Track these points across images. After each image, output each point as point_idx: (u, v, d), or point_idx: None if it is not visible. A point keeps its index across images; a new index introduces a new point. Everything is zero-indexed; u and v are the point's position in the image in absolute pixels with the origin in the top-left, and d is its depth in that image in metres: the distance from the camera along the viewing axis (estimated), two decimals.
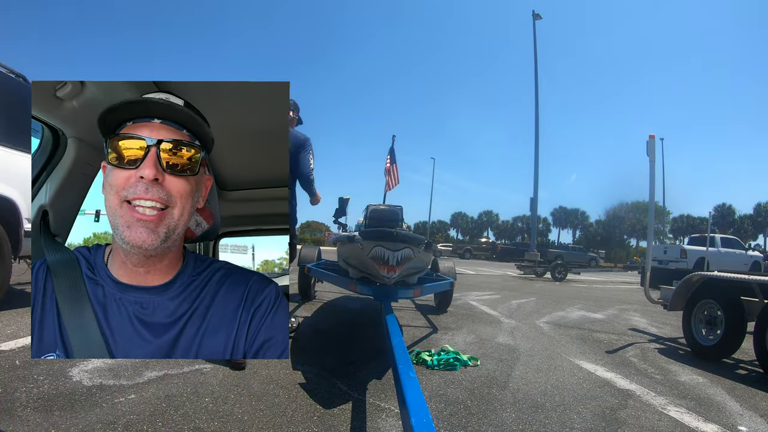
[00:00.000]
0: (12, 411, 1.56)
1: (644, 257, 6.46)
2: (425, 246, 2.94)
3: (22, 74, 3.43)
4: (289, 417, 1.73)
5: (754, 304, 3.28)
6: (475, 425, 1.79)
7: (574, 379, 2.53)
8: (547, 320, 4.71)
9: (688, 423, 1.97)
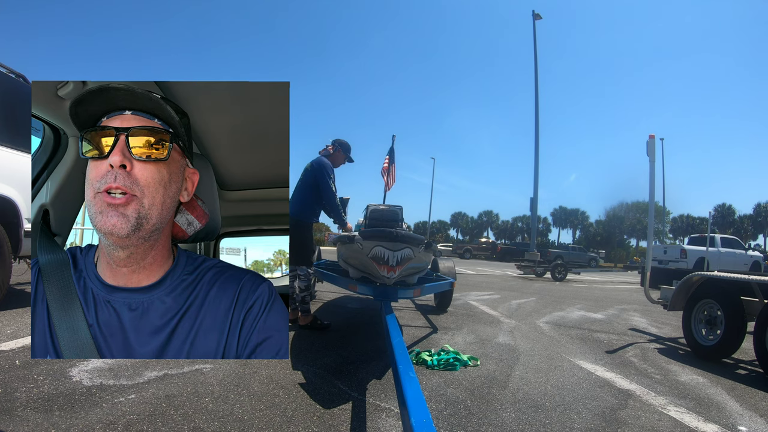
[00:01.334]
0: (12, 411, 1.56)
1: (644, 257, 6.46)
2: (425, 246, 2.94)
3: (22, 74, 3.43)
4: (289, 417, 1.73)
5: (754, 304, 3.28)
6: (475, 425, 1.79)
7: (574, 379, 2.53)
8: (547, 320, 4.71)
9: (688, 423, 1.97)
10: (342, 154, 3.77)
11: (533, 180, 15.97)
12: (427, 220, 41.57)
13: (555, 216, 50.99)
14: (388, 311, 2.54)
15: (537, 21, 17.00)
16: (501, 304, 5.87)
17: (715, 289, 3.43)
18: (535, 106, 16.46)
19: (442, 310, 4.80)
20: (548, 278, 11.98)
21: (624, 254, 40.18)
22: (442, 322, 4.12)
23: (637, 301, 7.30)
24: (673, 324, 4.97)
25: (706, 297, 3.49)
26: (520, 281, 10.55)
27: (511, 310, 5.30)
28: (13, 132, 3.16)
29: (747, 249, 14.80)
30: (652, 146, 4.09)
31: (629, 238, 46.20)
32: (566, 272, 11.99)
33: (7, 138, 3.12)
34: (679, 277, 3.80)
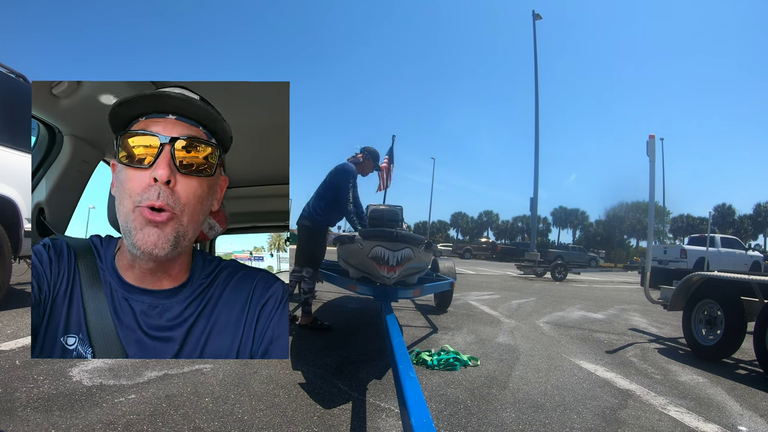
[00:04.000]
0: (12, 411, 1.56)
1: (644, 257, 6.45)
2: (425, 246, 2.94)
3: (23, 74, 3.43)
4: (289, 417, 1.73)
5: (754, 304, 3.28)
6: (475, 425, 1.79)
7: (574, 379, 2.53)
8: (547, 320, 4.71)
9: (688, 423, 1.97)
10: (371, 163, 3.73)
11: (533, 180, 16.01)
12: (427, 220, 41.63)
13: (555, 216, 51.08)
14: (388, 311, 2.54)
15: (537, 21, 17.02)
16: (501, 304, 5.87)
17: (715, 289, 3.43)
18: (535, 106, 16.49)
19: (442, 310, 4.80)
20: (548, 278, 11.97)
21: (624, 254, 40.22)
22: (442, 322, 4.12)
23: (637, 301, 7.30)
24: (673, 324, 4.97)
25: (706, 297, 3.48)
26: (520, 281, 10.55)
27: (511, 310, 5.30)
28: (13, 132, 3.16)
29: (747, 249, 14.81)
30: (652, 146, 4.09)
31: (629, 238, 46.25)
32: (566, 272, 11.99)
33: (7, 138, 3.12)
34: (679, 277, 3.80)
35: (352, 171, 3.49)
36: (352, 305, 4.82)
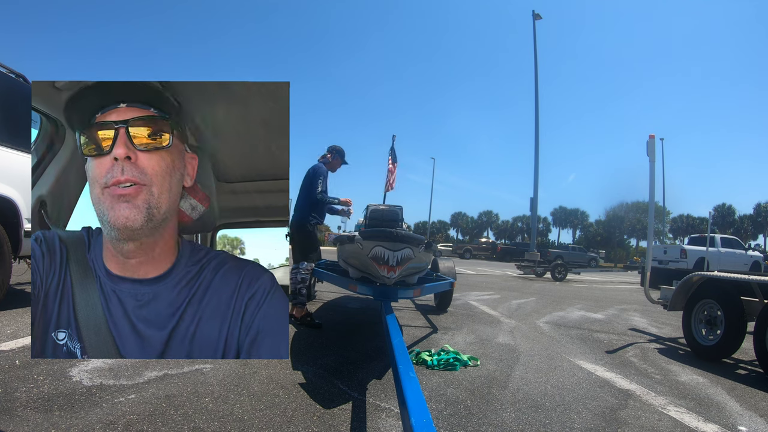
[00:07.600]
0: (12, 411, 1.56)
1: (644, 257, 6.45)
2: (425, 246, 2.94)
3: (23, 74, 3.43)
4: (289, 417, 1.73)
5: (754, 304, 3.28)
6: (475, 425, 1.79)
7: (574, 379, 2.53)
8: (547, 320, 4.71)
9: (688, 423, 1.97)
10: (339, 160, 4.12)
11: (533, 180, 16.01)
12: (427, 220, 41.63)
13: (555, 216, 51.00)
14: (388, 311, 2.54)
15: (537, 21, 17.02)
16: (501, 304, 5.87)
17: (715, 289, 3.43)
18: (535, 106, 16.49)
19: (442, 310, 4.80)
20: (548, 278, 11.97)
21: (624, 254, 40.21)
22: (442, 322, 4.12)
23: (637, 301, 7.30)
24: (673, 324, 4.97)
25: (706, 297, 3.49)
26: (520, 281, 10.55)
27: (511, 310, 5.30)
28: (13, 132, 3.16)
29: (747, 249, 14.79)
30: (652, 146, 4.09)
31: (629, 238, 46.22)
32: (566, 272, 11.99)
33: (7, 138, 3.12)
34: (679, 277, 3.80)
35: (321, 169, 3.88)
36: (352, 305, 4.82)
